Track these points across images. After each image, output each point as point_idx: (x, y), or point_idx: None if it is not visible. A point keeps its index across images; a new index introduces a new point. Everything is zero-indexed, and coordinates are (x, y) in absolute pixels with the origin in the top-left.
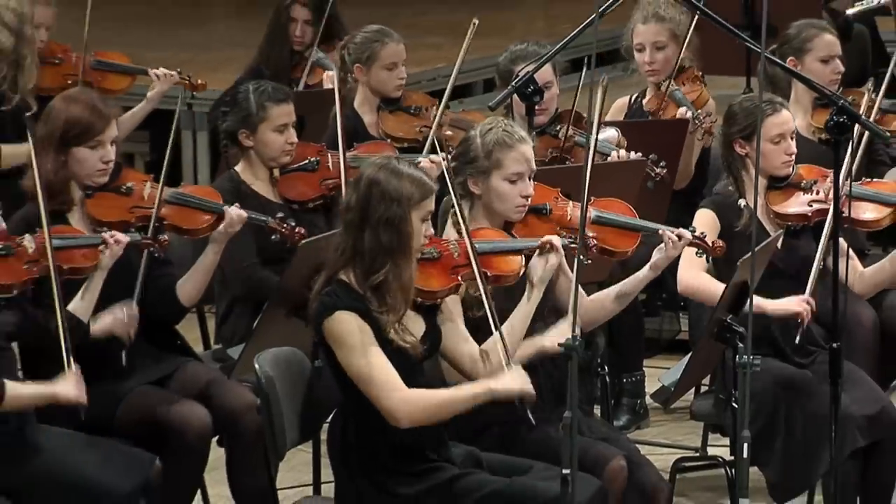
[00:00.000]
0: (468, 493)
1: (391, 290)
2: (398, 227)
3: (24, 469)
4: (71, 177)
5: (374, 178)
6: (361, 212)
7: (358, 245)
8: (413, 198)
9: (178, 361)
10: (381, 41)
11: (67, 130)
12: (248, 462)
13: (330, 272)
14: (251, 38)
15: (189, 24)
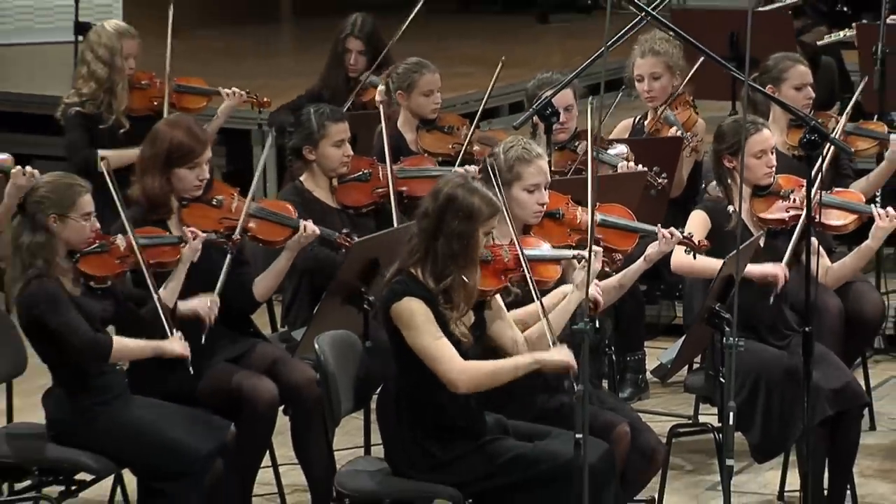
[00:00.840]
0: (497, 455)
1: (457, 293)
2: (467, 240)
3: (122, 431)
4: (171, 192)
5: (451, 193)
6: (437, 221)
7: (430, 250)
8: (483, 215)
9: (251, 342)
10: (419, 72)
11: (171, 154)
12: (309, 428)
13: (401, 265)
14: (310, 68)
15: (258, 57)
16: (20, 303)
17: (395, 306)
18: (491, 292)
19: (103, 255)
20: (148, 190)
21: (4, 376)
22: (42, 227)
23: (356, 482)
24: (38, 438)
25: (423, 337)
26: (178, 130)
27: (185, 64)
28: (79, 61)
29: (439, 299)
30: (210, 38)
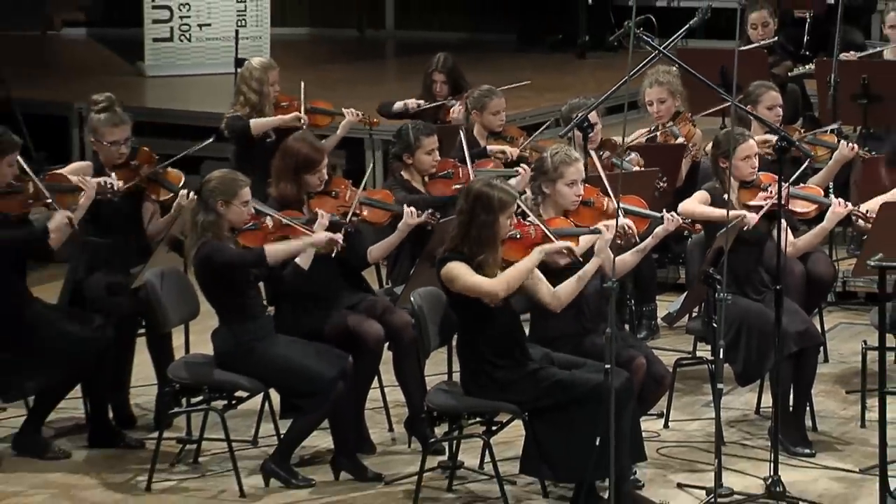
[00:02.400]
0: (543, 379)
1: (488, 266)
2: (492, 227)
3: (270, 360)
4: (301, 192)
5: (479, 191)
6: (469, 215)
7: (466, 235)
8: (504, 205)
9: (364, 295)
10: (489, 96)
11: (299, 165)
12: (407, 359)
13: (448, 246)
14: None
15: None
16: (196, 263)
17: (442, 272)
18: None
19: (256, 231)
20: (283, 191)
21: (183, 319)
22: (212, 210)
23: (441, 399)
24: (207, 365)
25: (462, 279)
26: (303, 145)
27: (315, 89)
28: (236, 89)
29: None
30: (332, 70)
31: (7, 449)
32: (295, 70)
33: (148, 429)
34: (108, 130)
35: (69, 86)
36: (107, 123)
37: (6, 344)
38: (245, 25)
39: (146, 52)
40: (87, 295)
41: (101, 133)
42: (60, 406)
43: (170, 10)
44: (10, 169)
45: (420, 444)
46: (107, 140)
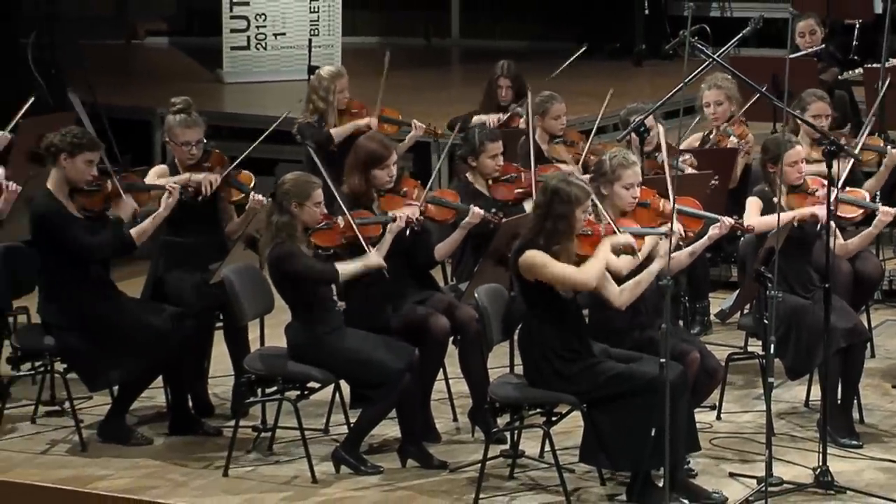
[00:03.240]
0: (602, 373)
1: (563, 257)
2: (568, 219)
3: (340, 353)
4: (370, 187)
5: (555, 186)
6: (546, 208)
7: (543, 228)
8: (578, 199)
9: (430, 292)
10: (550, 102)
11: (368, 160)
12: (471, 352)
13: (526, 238)
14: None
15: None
16: (271, 261)
17: (520, 260)
18: (588, 257)
19: (329, 230)
20: (353, 186)
21: (258, 314)
22: (287, 211)
23: (503, 391)
24: (281, 357)
25: (547, 268)
26: (372, 142)
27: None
28: (306, 96)
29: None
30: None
31: (93, 435)
32: (365, 77)
33: (225, 417)
34: (181, 131)
35: (152, 92)
36: (180, 125)
37: (93, 336)
38: (318, 34)
39: (224, 59)
40: (168, 290)
41: (175, 134)
42: (143, 395)
43: (247, 20)
44: (89, 167)
45: (483, 434)
46: (179, 141)
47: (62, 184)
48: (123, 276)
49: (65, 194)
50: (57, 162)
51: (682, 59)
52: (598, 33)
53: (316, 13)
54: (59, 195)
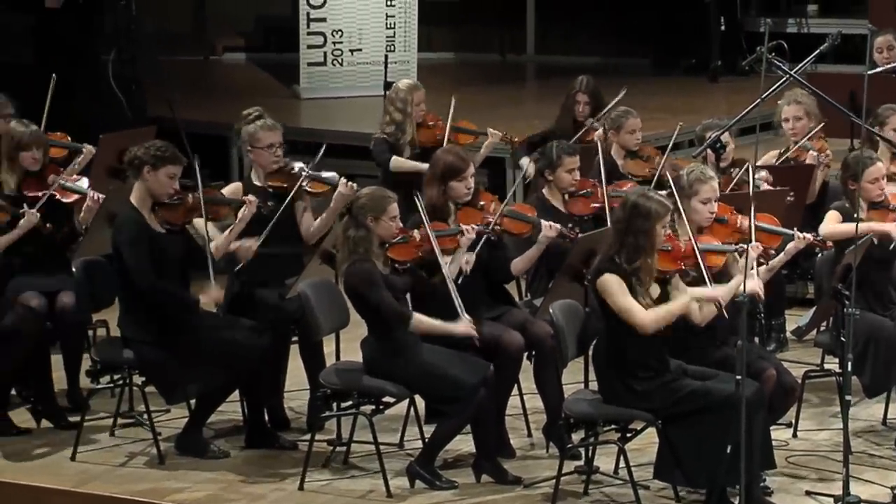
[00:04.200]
0: (678, 390)
1: (643, 272)
2: (647, 235)
3: (416, 368)
4: (448, 199)
5: (635, 201)
6: (626, 223)
7: (624, 243)
8: (658, 214)
9: (506, 307)
10: (625, 117)
11: (445, 172)
12: (546, 368)
13: (606, 255)
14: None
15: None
16: (346, 277)
17: (598, 281)
18: (671, 272)
19: (405, 244)
20: (431, 198)
21: (334, 328)
22: (363, 225)
23: (578, 407)
24: (357, 372)
25: (617, 298)
26: (449, 155)
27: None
28: (383, 110)
29: (631, 278)
30: (476, 93)
31: (170, 448)
32: (441, 92)
33: (301, 431)
34: (263, 135)
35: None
36: (262, 128)
37: (171, 349)
38: (394, 50)
39: (301, 75)
40: (245, 304)
41: (257, 138)
42: (220, 408)
43: (324, 36)
44: (171, 181)
45: (558, 450)
46: (264, 144)
47: (145, 197)
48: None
49: (147, 207)
50: (140, 175)
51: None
52: (673, 49)
53: (392, 29)
54: (141, 208)
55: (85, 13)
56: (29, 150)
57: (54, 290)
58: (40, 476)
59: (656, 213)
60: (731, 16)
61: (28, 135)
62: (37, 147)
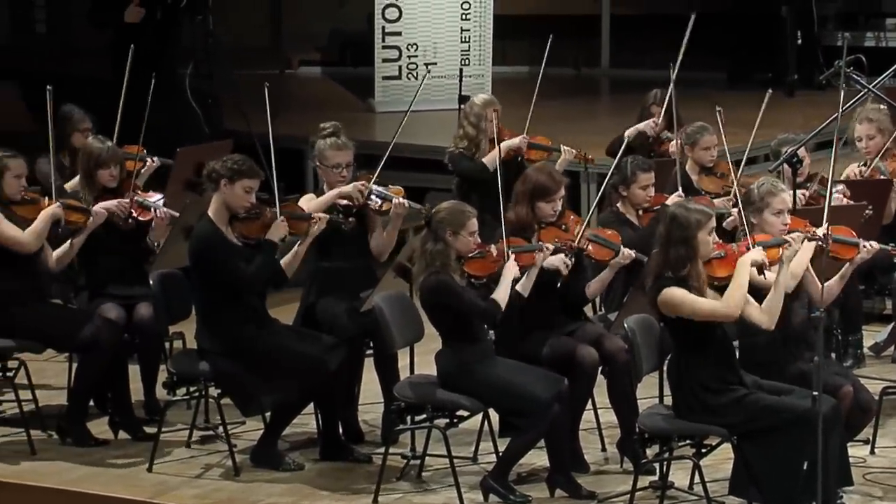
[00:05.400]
0: (752, 404)
1: (692, 279)
2: (690, 244)
3: (490, 381)
4: (534, 218)
5: (672, 213)
6: (668, 235)
7: (668, 254)
8: (700, 222)
9: (579, 322)
10: (701, 133)
11: (534, 191)
12: (620, 383)
13: (654, 271)
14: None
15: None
16: (423, 289)
17: (660, 298)
18: (729, 277)
19: (482, 259)
20: (518, 216)
21: (408, 341)
22: (441, 239)
23: (652, 422)
24: (431, 385)
25: (690, 304)
26: (542, 174)
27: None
28: (458, 124)
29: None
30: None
31: (246, 460)
32: (515, 106)
33: (375, 444)
34: (331, 154)
35: (305, 121)
36: (331, 147)
37: (247, 362)
38: (469, 64)
39: (376, 89)
40: (320, 317)
41: (326, 157)
42: (295, 421)
43: (399, 50)
44: (247, 194)
45: (632, 465)
46: (330, 163)
47: (222, 210)
48: (277, 303)
49: (224, 221)
50: (217, 188)
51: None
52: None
53: (467, 43)
54: (218, 222)
55: (163, 28)
56: (106, 168)
57: (132, 303)
58: (117, 487)
59: (697, 222)
60: (807, 30)
61: (105, 152)
62: (114, 164)
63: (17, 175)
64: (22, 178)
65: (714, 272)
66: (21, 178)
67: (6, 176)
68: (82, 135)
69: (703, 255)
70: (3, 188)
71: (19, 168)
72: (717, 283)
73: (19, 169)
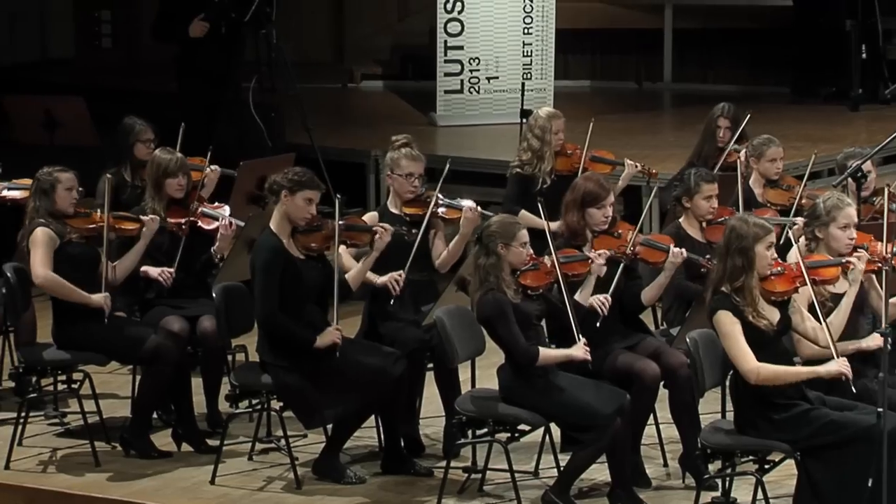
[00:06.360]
0: (816, 419)
1: (748, 292)
2: (747, 256)
3: (551, 396)
4: (586, 226)
5: (731, 225)
6: (726, 247)
7: (726, 267)
8: (758, 235)
9: (641, 336)
10: (767, 145)
11: (585, 198)
12: (681, 398)
13: (715, 286)
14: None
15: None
16: (478, 308)
17: (714, 319)
18: (787, 293)
19: (535, 271)
20: (570, 224)
21: (470, 355)
22: (493, 253)
23: (715, 437)
24: (492, 399)
25: (728, 341)
26: (590, 182)
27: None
28: (521, 137)
29: (737, 299)
30: (613, 121)
31: (307, 473)
32: (578, 120)
33: (436, 458)
34: (406, 163)
35: (366, 135)
36: (406, 157)
37: (309, 375)
38: (531, 78)
39: (438, 103)
40: (382, 330)
41: (400, 165)
42: (356, 434)
43: (461, 64)
44: (308, 206)
45: (694, 480)
46: (404, 172)
47: (284, 222)
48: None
49: (286, 233)
50: (279, 200)
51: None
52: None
53: (529, 57)
54: (280, 234)
55: (227, 42)
56: (174, 178)
57: (195, 315)
58: (180, 499)
59: (755, 235)
60: (872, 44)
61: (173, 162)
62: (182, 174)
63: (69, 188)
64: (73, 191)
65: (773, 287)
66: (72, 190)
67: (58, 189)
68: (145, 146)
69: (760, 268)
70: (55, 202)
71: (70, 181)
72: (774, 298)
73: (70, 182)
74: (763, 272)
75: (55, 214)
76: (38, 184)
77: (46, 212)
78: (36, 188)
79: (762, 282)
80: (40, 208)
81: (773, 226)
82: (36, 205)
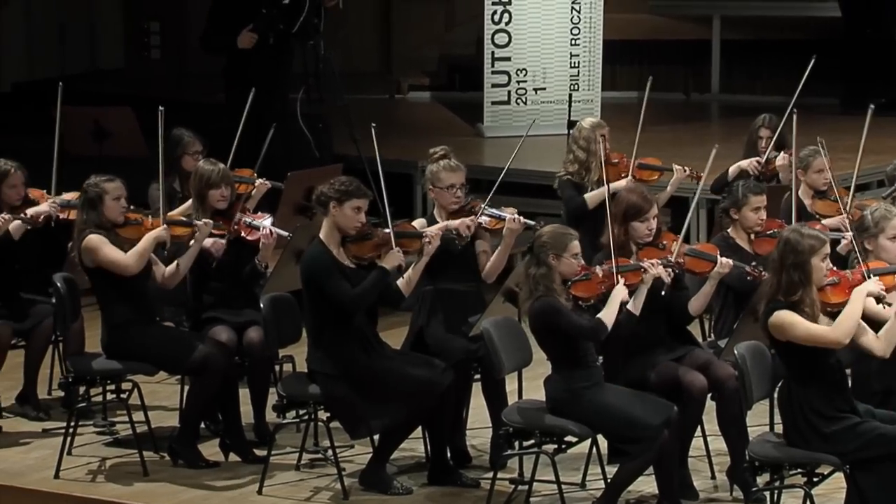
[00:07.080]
0: (865, 432)
1: (805, 305)
2: (803, 268)
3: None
4: (629, 239)
5: (787, 237)
6: (780, 260)
7: (781, 280)
8: (813, 247)
9: (688, 348)
10: (813, 156)
11: (628, 211)
12: (729, 410)
13: (767, 295)
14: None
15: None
16: (530, 316)
17: (770, 322)
18: (843, 304)
19: (587, 281)
20: (613, 236)
21: (517, 366)
22: (544, 263)
23: (763, 449)
24: (539, 410)
25: (800, 327)
26: (633, 195)
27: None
28: (567, 148)
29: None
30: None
31: (354, 484)
32: (625, 132)
33: (483, 469)
34: (445, 175)
35: (413, 145)
36: (444, 169)
37: (356, 385)
38: (577, 89)
39: (485, 114)
40: (429, 341)
41: (440, 178)
42: (403, 445)
43: (508, 75)
44: (357, 214)
45: (742, 493)
46: (445, 184)
47: (333, 233)
48: (386, 327)
49: (336, 243)
50: (327, 211)
51: None
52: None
53: (576, 68)
54: (330, 245)
55: (275, 53)
56: (217, 189)
57: (243, 326)
58: None
59: (811, 248)
60: None
61: (216, 173)
62: (225, 185)
63: (116, 198)
64: (121, 200)
65: (828, 299)
66: (120, 199)
67: (105, 200)
68: (192, 158)
69: (817, 280)
70: (104, 212)
71: (117, 191)
72: (830, 310)
73: (117, 191)
74: (819, 283)
75: (104, 225)
76: (85, 195)
77: (95, 224)
78: (83, 200)
79: (818, 293)
80: (88, 220)
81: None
82: (84, 217)
